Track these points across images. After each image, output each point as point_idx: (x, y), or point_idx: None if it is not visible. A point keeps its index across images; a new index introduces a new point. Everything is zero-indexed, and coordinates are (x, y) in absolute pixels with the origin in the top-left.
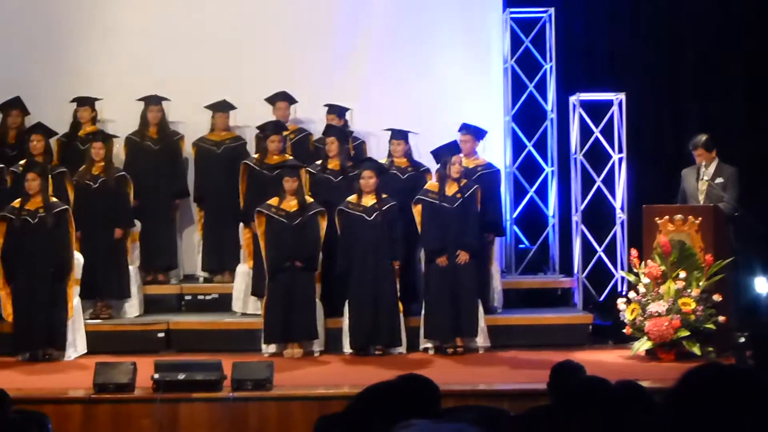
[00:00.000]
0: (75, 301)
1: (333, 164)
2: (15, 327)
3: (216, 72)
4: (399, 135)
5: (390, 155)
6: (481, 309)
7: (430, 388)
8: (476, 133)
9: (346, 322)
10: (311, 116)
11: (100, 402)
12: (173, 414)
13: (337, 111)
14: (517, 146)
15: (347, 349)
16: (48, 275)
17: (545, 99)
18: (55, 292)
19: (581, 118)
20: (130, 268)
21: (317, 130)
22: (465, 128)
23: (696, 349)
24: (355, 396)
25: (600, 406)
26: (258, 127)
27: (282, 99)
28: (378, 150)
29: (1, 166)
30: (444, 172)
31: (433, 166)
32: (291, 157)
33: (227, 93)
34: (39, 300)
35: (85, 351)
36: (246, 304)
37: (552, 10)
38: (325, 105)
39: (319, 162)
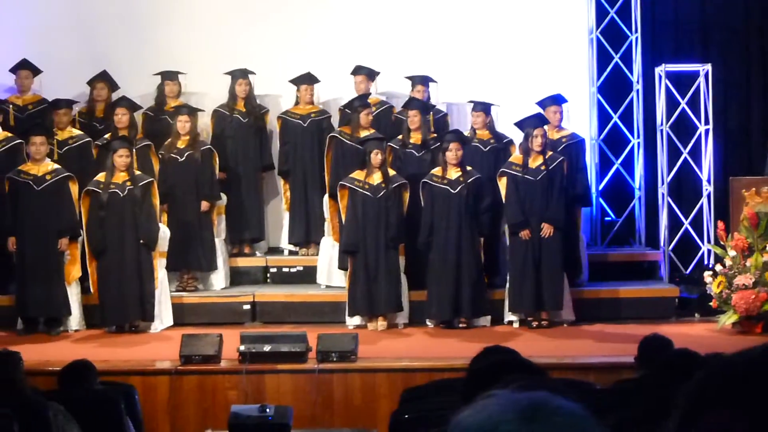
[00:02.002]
0: (161, 274)
1: (415, 138)
2: (102, 299)
3: (300, 45)
4: (480, 107)
5: (472, 128)
6: (566, 282)
7: (517, 356)
8: (561, 103)
9: (429, 294)
10: (392, 89)
11: (186, 373)
12: (259, 385)
13: (419, 82)
14: (603, 118)
15: (431, 321)
16: (135, 248)
17: (631, 70)
18: (142, 265)
19: (667, 89)
20: (216, 240)
21: (398, 103)
22: (551, 99)
23: None
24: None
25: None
26: (345, 105)
27: (363, 72)
28: (459, 123)
29: (88, 139)
30: (527, 144)
31: (516, 138)
32: (374, 131)
33: (311, 66)
34: (126, 273)
35: (171, 323)
36: (331, 277)
37: None
38: (407, 77)
39: (400, 136)
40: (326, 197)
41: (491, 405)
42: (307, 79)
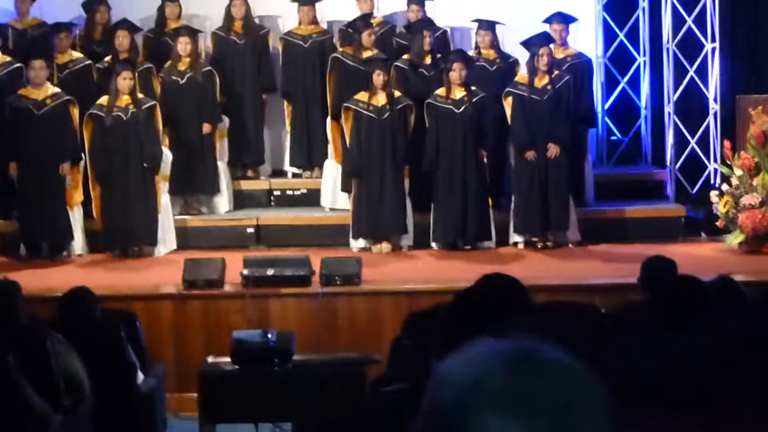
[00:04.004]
0: (164, 198)
1: (418, 58)
2: (105, 224)
3: None
4: (486, 25)
5: (477, 47)
6: (572, 202)
7: (516, 285)
8: (568, 22)
9: (434, 216)
10: (394, 9)
11: (189, 298)
12: (263, 310)
13: (418, 2)
14: (609, 36)
15: (436, 244)
16: (138, 172)
17: None
18: (145, 189)
19: (673, 7)
20: (219, 163)
21: (400, 23)
22: (558, 16)
23: None
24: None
25: (694, 304)
26: (347, 25)
27: None
28: (462, 43)
29: (89, 62)
30: (534, 63)
31: (521, 58)
32: (377, 51)
33: None
34: (129, 197)
35: (175, 247)
36: (335, 200)
37: None
38: None
39: (405, 56)
40: (329, 119)
41: (475, 355)
42: (307, 0)
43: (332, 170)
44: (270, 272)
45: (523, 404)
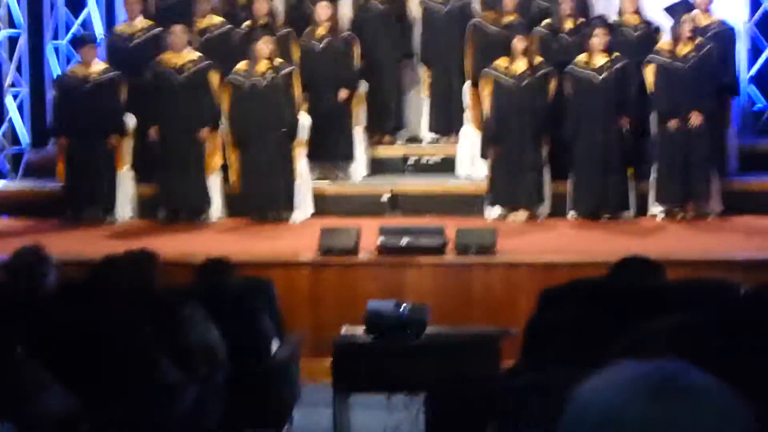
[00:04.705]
0: (302, 163)
1: (560, 23)
2: (243, 189)
3: None
4: None
5: (620, 12)
6: (714, 172)
7: (650, 269)
8: None
9: (572, 185)
10: None
11: (325, 266)
12: (397, 279)
13: None
14: (755, 2)
15: (573, 213)
16: (276, 138)
17: None
18: (283, 154)
19: None
20: (356, 129)
21: None
22: None
23: None
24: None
25: None
26: None
27: None
28: (606, 9)
29: (230, 26)
30: (677, 30)
31: (664, 24)
32: (517, 16)
33: None
34: (267, 162)
35: (312, 212)
36: (471, 167)
37: None
38: None
39: (547, 21)
40: (467, 85)
41: (617, 380)
42: None
43: (470, 137)
44: (405, 241)
45: None
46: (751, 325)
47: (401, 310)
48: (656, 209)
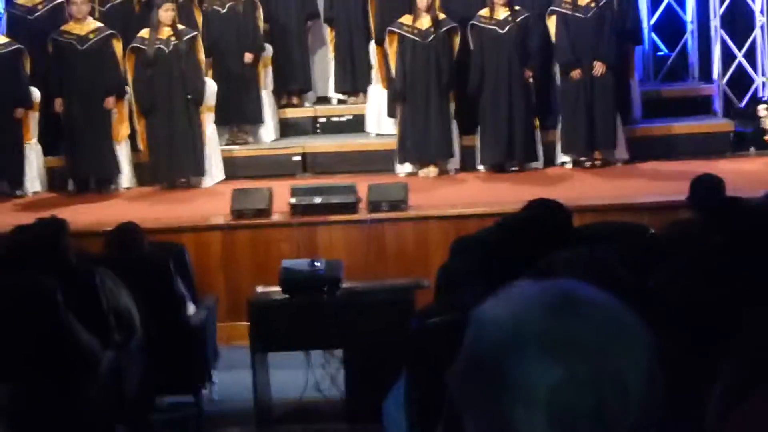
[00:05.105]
0: (210, 128)
1: None
2: (152, 157)
3: None
4: None
5: None
6: (619, 120)
7: (560, 211)
8: None
9: (480, 139)
10: None
11: (237, 228)
12: (311, 238)
13: None
14: None
15: (482, 166)
16: (182, 104)
17: None
18: (190, 120)
19: None
20: (263, 92)
21: None
22: None
23: None
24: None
25: (743, 224)
26: None
27: None
28: None
29: None
30: None
31: None
32: None
33: None
34: (175, 128)
35: (223, 177)
36: (380, 125)
37: None
38: None
39: None
40: (372, 44)
41: (515, 298)
42: None
43: (377, 95)
44: (317, 200)
45: (564, 347)
46: (661, 263)
47: (315, 267)
48: (564, 159)
